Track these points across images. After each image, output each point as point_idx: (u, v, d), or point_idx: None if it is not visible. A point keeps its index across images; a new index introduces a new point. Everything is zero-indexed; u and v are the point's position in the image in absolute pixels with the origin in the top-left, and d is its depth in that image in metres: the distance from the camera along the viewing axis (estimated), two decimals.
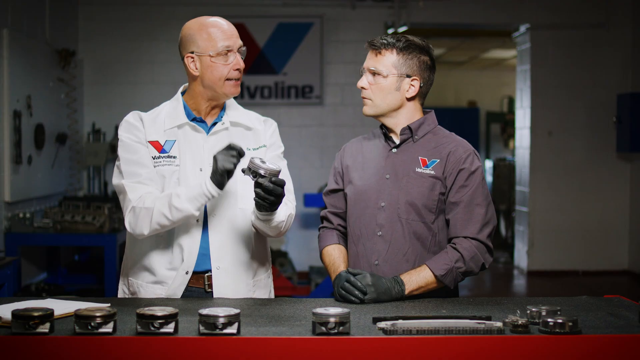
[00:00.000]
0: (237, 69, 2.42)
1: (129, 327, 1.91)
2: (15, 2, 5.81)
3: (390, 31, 7.70)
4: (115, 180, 2.44)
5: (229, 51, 2.40)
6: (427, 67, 2.51)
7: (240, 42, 2.44)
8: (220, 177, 2.27)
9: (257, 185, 2.25)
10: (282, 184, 2.26)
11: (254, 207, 2.41)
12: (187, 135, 2.46)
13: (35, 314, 1.82)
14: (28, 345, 1.81)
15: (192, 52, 2.42)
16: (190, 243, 2.42)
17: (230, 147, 2.27)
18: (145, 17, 7.54)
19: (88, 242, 5.96)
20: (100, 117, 7.29)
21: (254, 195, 2.30)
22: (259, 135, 2.54)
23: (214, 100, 2.47)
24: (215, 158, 2.28)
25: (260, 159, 2.26)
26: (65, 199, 6.38)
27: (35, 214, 5.96)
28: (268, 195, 2.25)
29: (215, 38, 2.39)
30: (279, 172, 2.26)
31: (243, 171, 2.26)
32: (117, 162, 2.47)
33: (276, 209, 2.34)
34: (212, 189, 2.29)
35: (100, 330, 1.82)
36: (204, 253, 2.44)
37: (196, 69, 2.42)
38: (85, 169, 7.29)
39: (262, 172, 2.23)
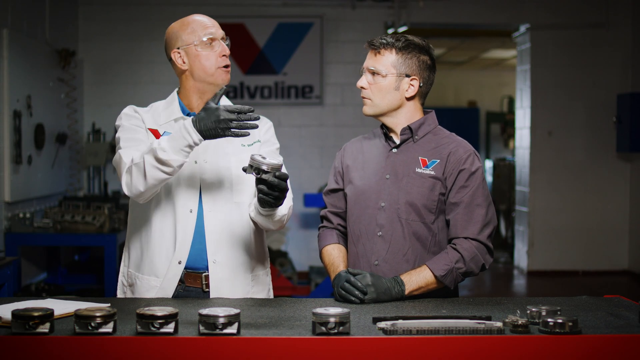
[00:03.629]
0: (224, 55, 2.45)
1: (129, 327, 1.91)
2: (15, 2, 5.81)
3: (390, 31, 7.70)
4: (117, 154, 2.43)
5: (213, 40, 2.44)
6: (427, 67, 2.51)
7: (222, 33, 2.48)
8: (214, 124, 2.21)
9: (261, 181, 2.23)
10: (285, 178, 2.25)
11: (254, 203, 2.41)
12: None
13: (35, 314, 1.82)
14: (28, 345, 1.81)
15: (178, 48, 2.46)
16: (182, 233, 2.43)
17: (231, 111, 2.22)
18: (145, 17, 7.54)
19: (88, 242, 5.96)
20: (100, 117, 7.29)
21: (256, 193, 2.29)
22: (253, 131, 2.54)
23: (205, 94, 2.47)
24: (213, 109, 2.22)
25: (260, 155, 2.25)
26: (65, 199, 6.38)
27: (35, 214, 5.96)
28: (272, 191, 2.24)
29: (197, 29, 2.44)
30: (281, 165, 2.25)
31: (244, 170, 2.25)
32: (117, 145, 2.45)
33: (281, 203, 2.32)
34: (196, 136, 2.24)
35: (100, 330, 1.82)
36: (201, 247, 2.44)
37: (184, 62, 2.45)
38: (85, 169, 7.29)
39: (264, 167, 2.21)
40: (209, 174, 2.46)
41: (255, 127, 2.25)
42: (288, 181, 2.49)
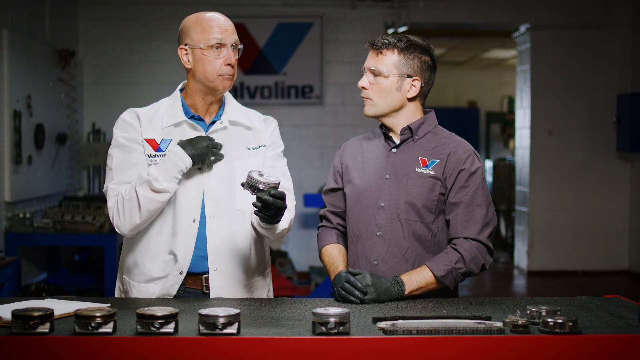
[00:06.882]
0: (229, 64, 2.39)
1: (129, 327, 1.91)
2: (15, 2, 5.81)
3: (390, 31, 7.69)
4: (106, 184, 2.44)
5: (221, 45, 2.38)
6: (428, 68, 2.51)
7: (235, 38, 2.41)
8: (205, 149, 2.36)
9: (257, 199, 2.21)
10: (282, 197, 2.21)
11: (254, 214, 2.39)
12: (185, 133, 2.44)
13: (35, 314, 1.82)
14: (28, 345, 1.80)
15: (186, 45, 2.41)
16: (185, 243, 2.40)
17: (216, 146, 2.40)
18: (145, 17, 7.54)
19: (88, 242, 5.96)
20: (100, 117, 7.29)
21: (254, 209, 2.26)
22: (259, 134, 2.52)
23: (208, 95, 2.44)
24: (199, 137, 2.39)
25: (258, 172, 2.22)
26: (65, 199, 6.38)
27: (35, 214, 5.96)
28: (268, 210, 2.21)
29: (208, 31, 2.38)
30: (278, 184, 2.22)
31: (242, 185, 2.23)
32: (108, 161, 2.45)
33: (278, 220, 2.29)
34: (188, 161, 2.34)
35: (100, 330, 1.82)
36: (202, 255, 2.42)
37: (188, 61, 2.41)
38: (85, 169, 7.29)
39: (260, 186, 2.19)
40: (213, 180, 2.42)
41: (222, 157, 2.43)
42: (292, 190, 2.48)
